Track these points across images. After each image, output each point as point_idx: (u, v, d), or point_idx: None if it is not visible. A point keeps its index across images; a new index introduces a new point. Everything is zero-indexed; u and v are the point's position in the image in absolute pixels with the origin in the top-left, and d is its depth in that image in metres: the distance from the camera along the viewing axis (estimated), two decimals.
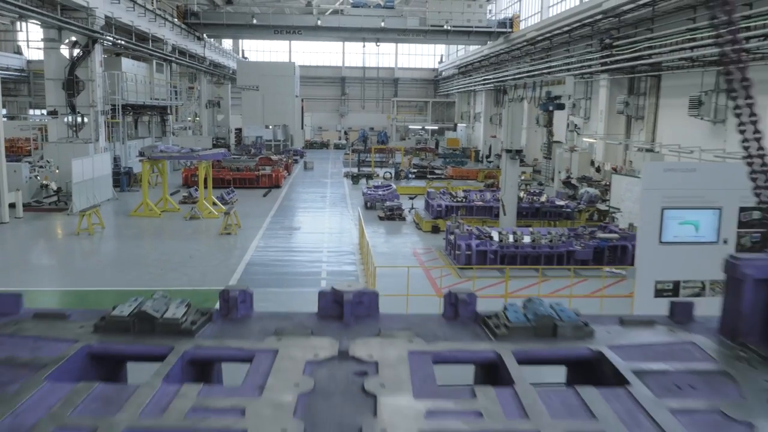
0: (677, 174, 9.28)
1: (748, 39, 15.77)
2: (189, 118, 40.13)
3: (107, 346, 2.76)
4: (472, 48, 42.25)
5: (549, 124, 15.49)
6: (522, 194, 18.86)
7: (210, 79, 44.44)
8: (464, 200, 19.13)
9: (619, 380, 2.52)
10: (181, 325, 2.82)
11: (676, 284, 8.72)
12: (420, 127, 55.75)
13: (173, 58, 32.57)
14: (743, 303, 2.91)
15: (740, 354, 2.81)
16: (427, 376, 2.54)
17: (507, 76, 32.97)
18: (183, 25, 33.87)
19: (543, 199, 19.20)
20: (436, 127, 54.94)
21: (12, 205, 18.07)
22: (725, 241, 8.96)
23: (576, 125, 28.29)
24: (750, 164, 3.47)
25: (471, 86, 45.33)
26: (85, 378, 2.45)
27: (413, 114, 58.38)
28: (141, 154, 19.78)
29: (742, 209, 9.74)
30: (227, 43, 51.58)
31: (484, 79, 39.74)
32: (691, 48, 17.91)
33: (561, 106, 14.14)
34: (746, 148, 3.46)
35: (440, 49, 58.28)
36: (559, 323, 2.92)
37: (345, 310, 3.06)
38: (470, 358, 2.81)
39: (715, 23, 3.18)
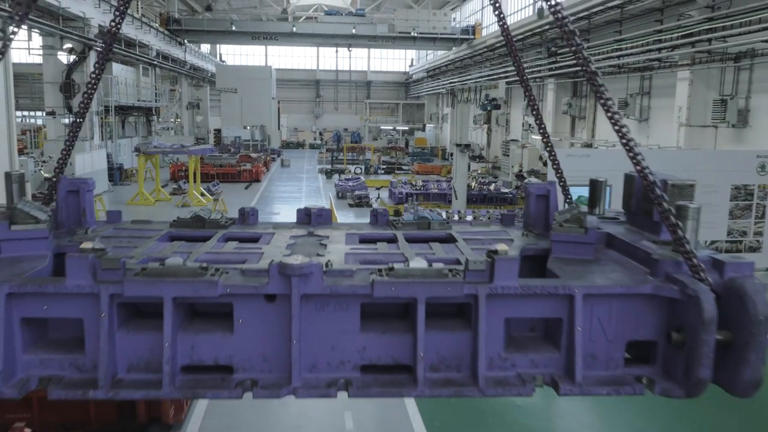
0: (576, 158, 12.07)
1: (660, 50, 18.59)
2: (172, 119, 41.93)
3: (180, 232, 5.23)
4: (440, 53, 44.36)
5: (487, 121, 18.09)
6: (473, 183, 21.50)
7: (190, 81, 46.11)
8: (422, 188, 21.67)
9: (454, 241, 5.07)
10: (220, 222, 5.32)
11: None
12: (391, 127, 57.80)
13: (157, 62, 34.51)
14: (530, 208, 5.45)
15: (524, 233, 5.35)
16: (355, 241, 5.07)
17: (470, 78, 35.34)
18: (166, 32, 35.64)
19: (492, 187, 21.90)
20: (407, 128, 57.02)
21: None
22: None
23: (530, 124, 30.92)
24: (548, 152, 5.98)
25: (439, 89, 47.63)
26: None
27: (385, 115, 60.56)
28: (137, 149, 21.97)
29: None
30: (205, 48, 53.18)
31: (450, 82, 41.86)
32: (618, 57, 20.65)
33: (497, 107, 16.71)
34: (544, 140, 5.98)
35: (411, 53, 60.19)
36: (432, 221, 5.47)
37: (312, 218, 5.55)
38: (379, 237, 5.31)
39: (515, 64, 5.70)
